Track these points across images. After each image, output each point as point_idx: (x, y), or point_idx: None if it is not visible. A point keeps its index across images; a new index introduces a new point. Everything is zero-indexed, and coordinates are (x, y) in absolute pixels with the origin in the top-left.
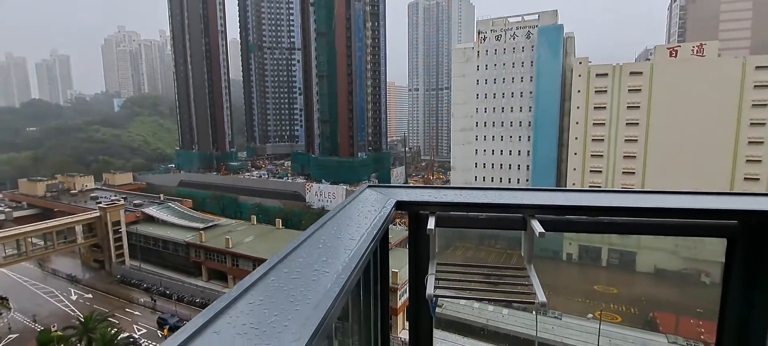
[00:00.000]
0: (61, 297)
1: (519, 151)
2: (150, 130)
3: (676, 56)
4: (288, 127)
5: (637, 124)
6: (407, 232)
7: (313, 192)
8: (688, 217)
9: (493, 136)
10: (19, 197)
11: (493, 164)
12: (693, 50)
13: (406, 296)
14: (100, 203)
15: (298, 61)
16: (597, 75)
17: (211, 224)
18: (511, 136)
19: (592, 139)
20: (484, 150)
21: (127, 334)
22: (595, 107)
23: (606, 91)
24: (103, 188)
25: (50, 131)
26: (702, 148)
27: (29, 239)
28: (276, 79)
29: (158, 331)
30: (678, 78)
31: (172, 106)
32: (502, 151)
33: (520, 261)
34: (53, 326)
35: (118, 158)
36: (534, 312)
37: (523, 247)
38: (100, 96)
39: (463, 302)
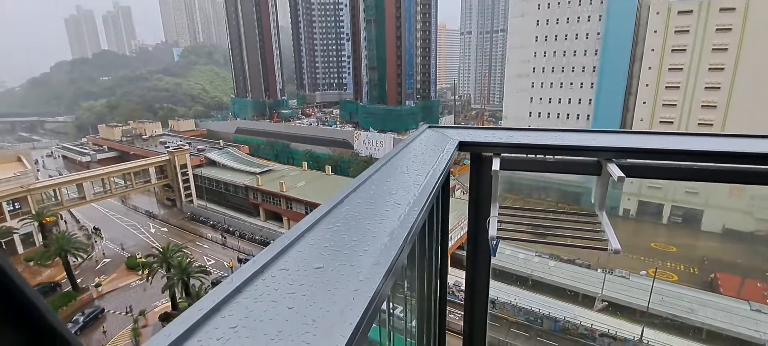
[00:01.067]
0: (142, 229)
1: (579, 99)
2: (207, 79)
3: None
4: (336, 75)
5: (722, 69)
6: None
7: (361, 140)
8: None
9: (552, 83)
10: (100, 141)
11: (549, 113)
12: None
13: (452, 242)
14: (168, 147)
15: (346, 5)
16: (679, 12)
17: (266, 169)
18: (572, 83)
19: (666, 87)
20: (541, 98)
21: (200, 263)
22: (672, 50)
23: (688, 31)
24: (170, 133)
25: (120, 80)
26: None
27: (112, 179)
28: (324, 24)
29: (224, 263)
30: None
31: (225, 55)
32: (560, 99)
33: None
34: (138, 254)
35: (180, 106)
36: (598, 268)
37: (594, 193)
38: (161, 46)
39: (508, 251)
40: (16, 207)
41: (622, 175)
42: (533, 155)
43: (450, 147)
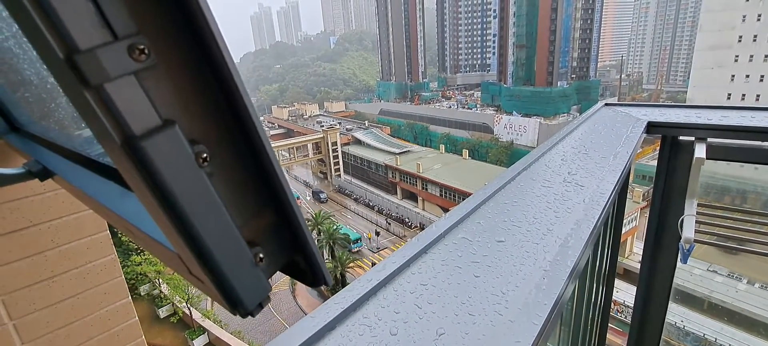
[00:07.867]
0: (301, 197)
1: None
2: (357, 64)
3: None
4: (480, 56)
5: None
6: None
7: (502, 124)
8: None
9: (766, 56)
10: (272, 120)
11: (758, 96)
12: None
13: None
14: (323, 126)
15: None
16: None
17: (404, 149)
18: None
19: None
20: (747, 76)
21: (345, 233)
22: None
23: None
24: (324, 114)
25: (289, 67)
26: None
27: (280, 152)
28: (470, 2)
29: (364, 234)
30: None
31: (374, 40)
32: None
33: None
34: None
35: (334, 89)
36: None
37: None
38: (321, 35)
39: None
40: None
41: None
42: (759, 143)
43: (636, 129)
